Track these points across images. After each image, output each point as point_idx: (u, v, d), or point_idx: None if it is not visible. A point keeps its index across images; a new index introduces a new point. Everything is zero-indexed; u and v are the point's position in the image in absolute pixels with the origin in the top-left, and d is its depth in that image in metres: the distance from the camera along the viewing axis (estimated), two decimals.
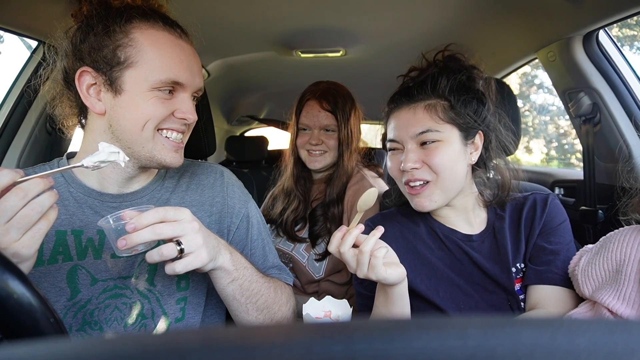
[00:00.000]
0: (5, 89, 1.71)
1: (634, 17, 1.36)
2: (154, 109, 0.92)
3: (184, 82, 0.94)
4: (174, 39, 0.95)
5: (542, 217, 1.10)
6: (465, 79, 1.08)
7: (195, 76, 0.98)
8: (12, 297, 0.55)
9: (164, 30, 0.94)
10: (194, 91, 0.99)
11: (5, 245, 0.67)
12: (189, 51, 0.98)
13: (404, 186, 1.11)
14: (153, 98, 0.92)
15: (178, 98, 0.96)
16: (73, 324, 0.93)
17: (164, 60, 0.92)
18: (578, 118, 1.67)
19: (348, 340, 0.24)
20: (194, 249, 0.82)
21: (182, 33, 0.99)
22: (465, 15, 1.81)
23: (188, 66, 0.95)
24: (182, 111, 0.95)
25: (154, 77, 0.91)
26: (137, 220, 0.78)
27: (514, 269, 1.08)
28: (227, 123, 3.87)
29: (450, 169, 1.05)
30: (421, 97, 1.09)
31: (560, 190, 2.03)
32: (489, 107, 1.11)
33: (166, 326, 0.99)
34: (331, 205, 1.64)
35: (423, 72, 1.12)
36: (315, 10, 1.82)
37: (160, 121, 0.94)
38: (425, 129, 1.05)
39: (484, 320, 0.25)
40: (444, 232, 1.15)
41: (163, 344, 0.25)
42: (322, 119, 1.65)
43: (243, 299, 0.95)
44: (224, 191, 1.11)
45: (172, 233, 0.80)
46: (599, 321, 0.26)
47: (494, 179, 1.17)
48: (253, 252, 1.12)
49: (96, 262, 0.95)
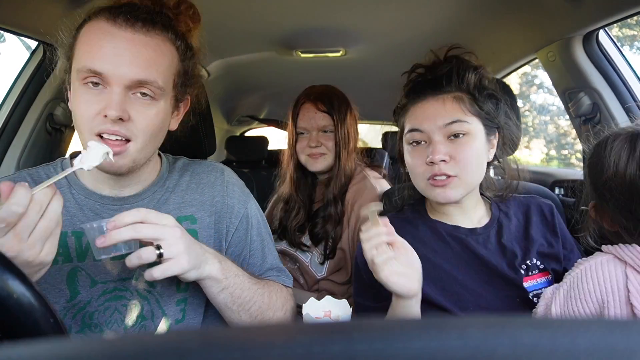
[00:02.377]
0: (5, 89, 1.71)
1: (634, 17, 1.36)
2: (82, 104, 0.86)
3: (100, 70, 0.83)
4: (107, 27, 0.85)
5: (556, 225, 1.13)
6: (483, 76, 1.10)
7: (122, 65, 0.84)
8: (12, 297, 0.55)
9: (103, 21, 0.86)
10: (128, 81, 0.85)
11: (32, 258, 0.69)
12: (123, 40, 0.85)
13: (426, 181, 1.07)
14: (83, 94, 0.86)
15: (105, 93, 0.85)
16: (72, 326, 0.93)
17: (85, 48, 0.86)
18: (578, 118, 1.67)
19: (348, 340, 0.24)
20: (173, 255, 0.81)
21: (131, 22, 0.86)
22: (466, 15, 1.81)
23: (112, 54, 0.84)
24: (106, 107, 0.84)
25: (77, 67, 0.86)
26: (118, 217, 0.78)
27: (524, 266, 1.08)
28: (227, 123, 3.87)
29: (476, 165, 1.06)
30: (449, 88, 1.08)
31: (560, 190, 2.03)
32: (502, 105, 1.12)
33: (166, 327, 0.99)
34: (329, 205, 1.65)
35: (439, 67, 1.11)
36: (315, 10, 1.82)
37: (91, 122, 0.86)
38: (454, 119, 1.04)
39: (484, 320, 0.25)
40: (447, 230, 1.14)
41: (163, 343, 0.25)
42: (319, 120, 1.66)
43: (235, 307, 0.95)
44: (224, 190, 1.10)
45: (152, 234, 0.80)
46: (599, 321, 0.26)
47: (499, 178, 1.18)
48: (252, 254, 1.11)
49: (96, 265, 0.95)
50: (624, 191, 0.83)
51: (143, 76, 0.86)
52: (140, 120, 0.88)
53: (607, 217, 0.91)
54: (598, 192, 0.91)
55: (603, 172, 0.87)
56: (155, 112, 0.90)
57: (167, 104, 0.94)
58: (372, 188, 1.64)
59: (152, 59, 0.87)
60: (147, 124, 0.89)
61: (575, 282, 0.87)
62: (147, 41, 0.87)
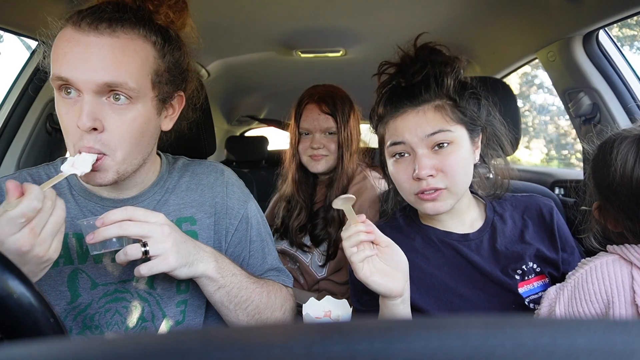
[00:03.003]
0: (5, 89, 1.71)
1: (634, 17, 1.36)
2: (62, 116, 0.86)
3: (66, 76, 0.81)
4: (72, 33, 0.83)
5: (557, 228, 1.10)
6: (461, 74, 1.05)
7: (87, 70, 0.81)
8: (12, 297, 0.55)
9: (70, 27, 0.84)
10: (95, 86, 0.82)
11: (43, 253, 0.71)
12: (87, 44, 0.82)
13: (415, 196, 1.03)
14: (61, 105, 0.86)
15: (79, 103, 0.83)
16: (73, 328, 0.93)
17: (54, 56, 0.84)
18: (578, 118, 1.68)
19: (348, 340, 0.24)
20: (159, 252, 0.82)
21: (95, 25, 0.82)
22: (465, 15, 1.81)
23: (76, 59, 0.81)
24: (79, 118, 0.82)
25: (50, 77, 0.85)
26: (106, 215, 0.80)
27: (519, 271, 1.05)
28: (227, 123, 3.87)
29: (464, 173, 1.02)
30: (428, 96, 1.02)
31: (560, 190, 2.03)
32: (484, 103, 1.08)
33: (167, 329, 0.99)
34: (331, 207, 1.64)
35: (411, 69, 1.05)
36: (315, 10, 1.82)
37: (73, 136, 0.85)
38: (436, 129, 0.99)
39: (484, 320, 0.25)
40: (439, 237, 1.10)
41: (163, 343, 0.25)
42: (322, 122, 1.64)
43: (231, 306, 0.95)
44: (224, 191, 1.09)
45: (137, 231, 0.81)
46: (599, 321, 0.26)
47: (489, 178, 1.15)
48: (252, 254, 1.11)
49: (97, 267, 0.95)
50: (630, 195, 0.82)
51: (110, 78, 0.82)
52: (114, 129, 0.85)
53: (611, 218, 0.89)
54: (603, 194, 0.89)
55: (609, 175, 0.86)
56: (132, 117, 0.86)
57: (148, 106, 0.89)
58: (372, 188, 1.64)
59: (119, 60, 0.83)
60: (124, 131, 0.86)
61: (580, 283, 0.86)
62: (113, 42, 0.83)
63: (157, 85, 0.90)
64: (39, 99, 1.69)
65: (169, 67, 0.93)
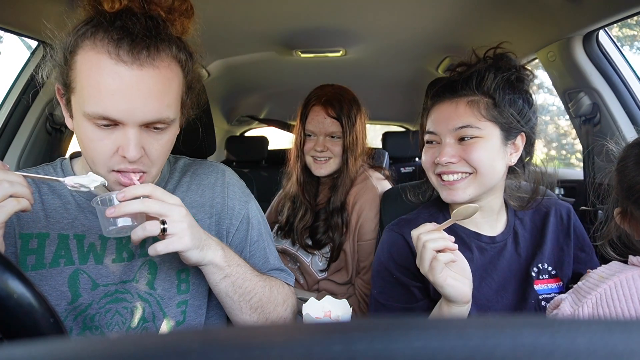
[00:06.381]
0: (5, 89, 1.71)
1: (634, 17, 1.36)
2: (95, 142, 0.84)
3: (116, 117, 0.80)
4: (111, 65, 0.79)
5: (573, 229, 1.13)
6: (514, 78, 1.07)
7: (136, 110, 0.81)
8: (12, 297, 0.55)
9: (105, 56, 0.79)
10: (142, 123, 0.83)
11: None
12: (132, 79, 0.79)
13: (436, 177, 1.09)
14: (93, 131, 0.83)
15: (119, 131, 0.83)
16: (74, 328, 0.93)
17: (91, 91, 0.80)
18: (578, 118, 1.67)
19: (348, 340, 0.24)
20: (177, 231, 0.83)
21: (136, 54, 0.79)
22: (465, 15, 1.81)
23: (124, 98, 0.80)
24: (122, 147, 0.83)
25: (85, 109, 0.81)
26: (127, 190, 0.81)
27: (535, 269, 1.09)
28: (227, 123, 3.87)
29: (489, 165, 1.04)
30: (465, 92, 1.07)
31: (560, 190, 2.03)
32: (535, 109, 1.10)
33: (168, 329, 0.99)
34: (335, 213, 1.63)
35: (470, 68, 1.11)
36: (315, 10, 1.82)
37: (107, 160, 0.85)
38: (465, 124, 1.03)
39: (484, 320, 0.25)
40: (468, 236, 1.13)
41: (163, 344, 0.25)
42: (327, 126, 1.62)
43: (236, 297, 0.95)
44: (224, 191, 1.10)
45: (158, 209, 0.82)
46: (599, 321, 0.26)
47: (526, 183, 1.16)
48: (253, 254, 1.11)
49: (97, 267, 0.95)
50: None
51: (156, 116, 0.84)
52: (153, 152, 0.88)
53: (636, 225, 0.84)
54: (631, 200, 0.84)
55: (638, 182, 0.82)
56: (168, 139, 0.90)
57: (177, 125, 0.93)
58: (372, 188, 1.64)
59: (162, 94, 0.84)
60: (160, 153, 0.89)
61: (605, 299, 0.78)
62: (155, 75, 0.82)
63: (183, 104, 0.94)
64: (39, 99, 1.69)
65: (190, 82, 0.94)
